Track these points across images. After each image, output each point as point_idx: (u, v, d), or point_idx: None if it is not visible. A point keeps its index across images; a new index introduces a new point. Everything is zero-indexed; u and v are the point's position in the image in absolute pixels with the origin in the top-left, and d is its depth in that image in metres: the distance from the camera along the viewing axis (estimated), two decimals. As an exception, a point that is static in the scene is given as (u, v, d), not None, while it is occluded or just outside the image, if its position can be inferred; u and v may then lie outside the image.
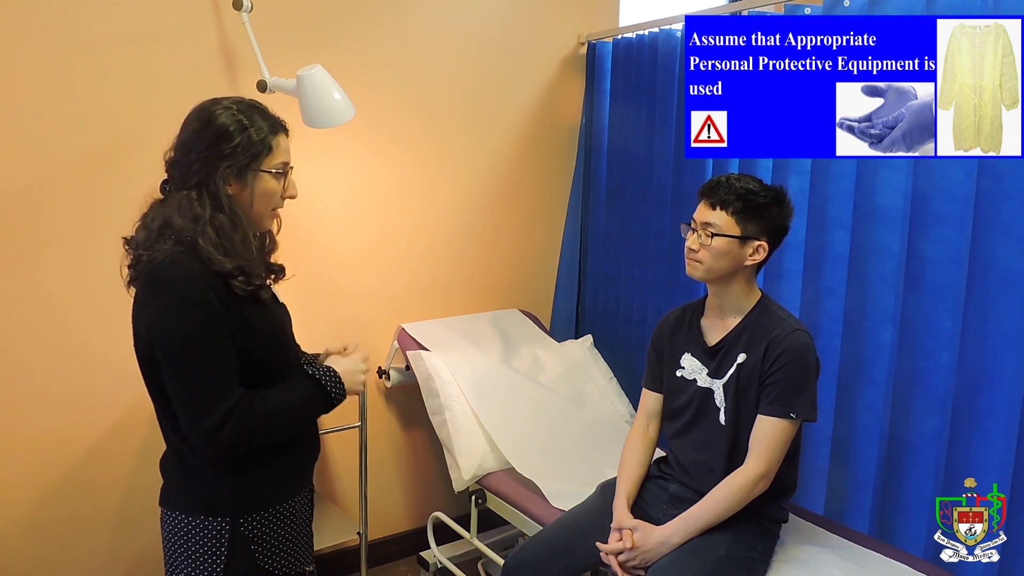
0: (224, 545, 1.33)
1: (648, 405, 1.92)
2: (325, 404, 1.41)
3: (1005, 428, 1.79)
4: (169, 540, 1.37)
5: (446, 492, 2.57)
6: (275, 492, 1.39)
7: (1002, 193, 1.77)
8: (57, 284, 2.05)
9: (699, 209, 1.73)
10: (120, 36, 2.06)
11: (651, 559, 1.68)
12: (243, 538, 1.34)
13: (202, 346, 1.24)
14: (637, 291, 2.78)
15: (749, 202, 1.67)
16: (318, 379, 1.40)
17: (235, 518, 1.33)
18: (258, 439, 1.30)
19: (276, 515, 1.39)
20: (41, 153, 2.00)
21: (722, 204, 1.68)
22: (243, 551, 1.34)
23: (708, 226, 1.69)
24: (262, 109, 1.37)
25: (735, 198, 1.67)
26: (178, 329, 1.23)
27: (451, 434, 2.32)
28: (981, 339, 1.83)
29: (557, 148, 2.97)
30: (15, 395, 2.03)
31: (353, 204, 2.52)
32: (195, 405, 1.25)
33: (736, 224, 1.68)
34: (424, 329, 2.60)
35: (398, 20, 2.52)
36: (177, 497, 1.36)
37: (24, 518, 2.08)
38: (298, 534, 1.45)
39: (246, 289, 1.29)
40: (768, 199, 1.69)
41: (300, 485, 1.46)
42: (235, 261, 1.27)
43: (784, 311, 1.76)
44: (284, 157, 1.37)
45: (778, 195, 1.71)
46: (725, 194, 1.68)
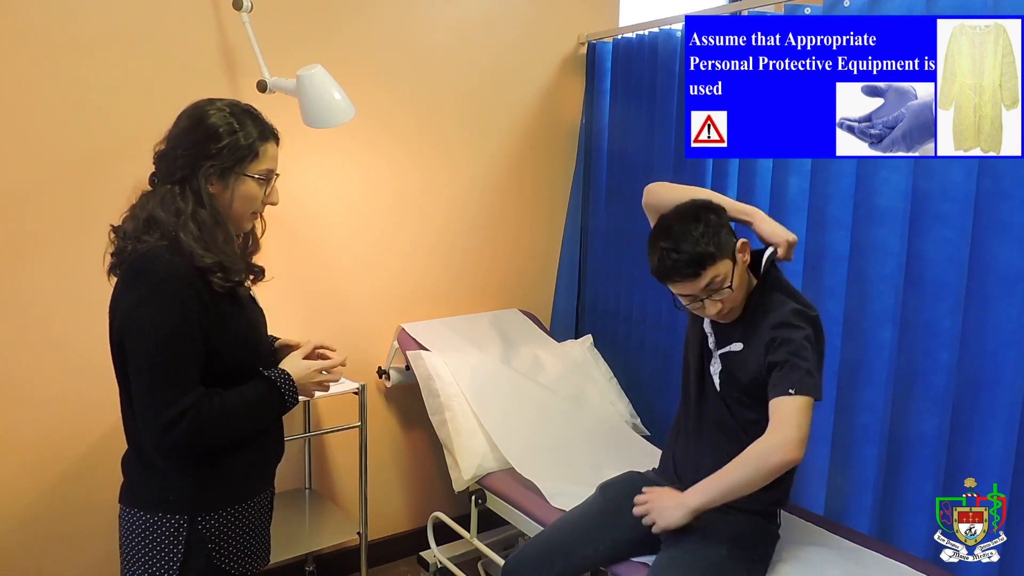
0: (181, 543, 1.32)
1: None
2: (279, 406, 1.41)
3: (1005, 428, 1.79)
4: (126, 537, 1.37)
5: (446, 492, 2.57)
6: (235, 491, 1.39)
7: (1002, 193, 1.77)
8: (51, 286, 2.04)
9: (682, 287, 1.64)
10: (120, 36, 2.06)
11: (666, 522, 1.64)
12: (201, 536, 1.34)
13: (170, 343, 1.25)
14: (637, 291, 2.78)
15: (709, 237, 1.60)
16: (273, 380, 1.40)
17: (193, 516, 1.33)
18: (210, 438, 1.31)
19: (235, 514, 1.39)
20: (40, 153, 2.00)
21: (700, 265, 1.60)
22: (200, 549, 1.34)
23: (711, 285, 1.62)
24: (255, 115, 1.38)
25: (701, 249, 1.59)
26: (149, 322, 1.25)
27: (451, 434, 2.32)
28: (981, 339, 1.83)
29: (557, 148, 2.97)
30: (6, 398, 2.03)
31: (353, 204, 2.52)
32: (152, 399, 1.26)
33: (723, 258, 1.62)
34: (424, 329, 2.60)
35: (398, 20, 2.52)
36: (136, 494, 1.36)
37: (19, 516, 2.08)
38: (256, 534, 1.45)
39: (224, 285, 1.30)
40: (706, 219, 1.63)
41: (261, 486, 1.46)
42: (215, 256, 1.29)
43: (786, 289, 1.73)
44: (270, 164, 1.38)
45: (701, 209, 1.65)
46: (692, 257, 1.59)
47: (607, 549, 1.79)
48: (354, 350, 2.52)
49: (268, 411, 1.41)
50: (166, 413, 1.25)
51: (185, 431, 1.25)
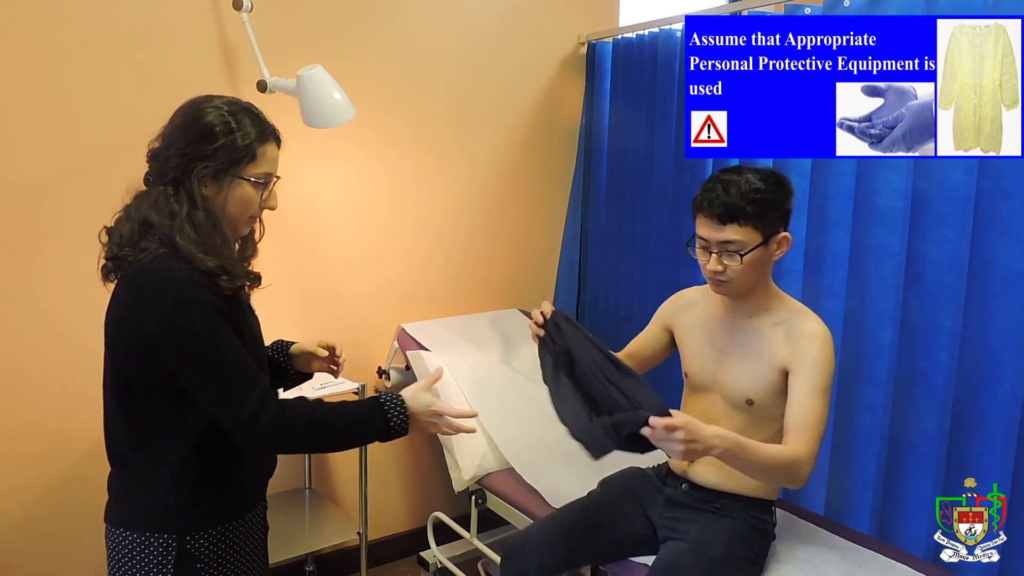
0: (170, 563, 1.27)
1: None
2: (381, 429, 1.33)
3: (1005, 428, 1.79)
4: (114, 558, 1.31)
5: (446, 492, 2.57)
6: (225, 510, 1.33)
7: (1002, 193, 1.77)
8: (55, 283, 2.05)
9: (704, 225, 1.58)
10: (120, 36, 2.06)
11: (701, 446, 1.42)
12: (190, 556, 1.28)
13: (217, 345, 1.22)
14: (637, 291, 2.78)
15: (759, 203, 1.54)
16: (380, 401, 1.34)
17: (182, 535, 1.28)
18: (300, 432, 1.27)
19: (225, 533, 1.33)
20: (40, 153, 2.00)
21: (732, 216, 1.54)
22: (190, 569, 1.28)
23: (728, 244, 1.56)
24: (255, 113, 1.31)
25: (744, 205, 1.53)
26: (189, 333, 1.20)
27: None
28: (981, 339, 1.83)
29: (557, 148, 2.97)
30: (13, 394, 2.04)
31: (353, 204, 2.52)
32: (228, 401, 1.22)
33: (755, 230, 1.55)
34: (424, 329, 2.60)
35: (398, 20, 2.52)
36: (122, 513, 1.31)
37: (20, 514, 2.09)
38: (249, 552, 1.39)
39: (230, 288, 1.25)
40: (772, 189, 1.57)
41: (252, 503, 1.40)
42: (217, 259, 1.23)
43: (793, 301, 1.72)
44: (269, 167, 1.31)
45: (778, 179, 1.60)
46: (731, 204, 1.53)
47: (608, 544, 1.79)
48: (354, 350, 2.51)
49: (367, 429, 1.34)
50: (247, 407, 1.21)
51: (273, 417, 1.22)
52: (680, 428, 1.39)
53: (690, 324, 1.82)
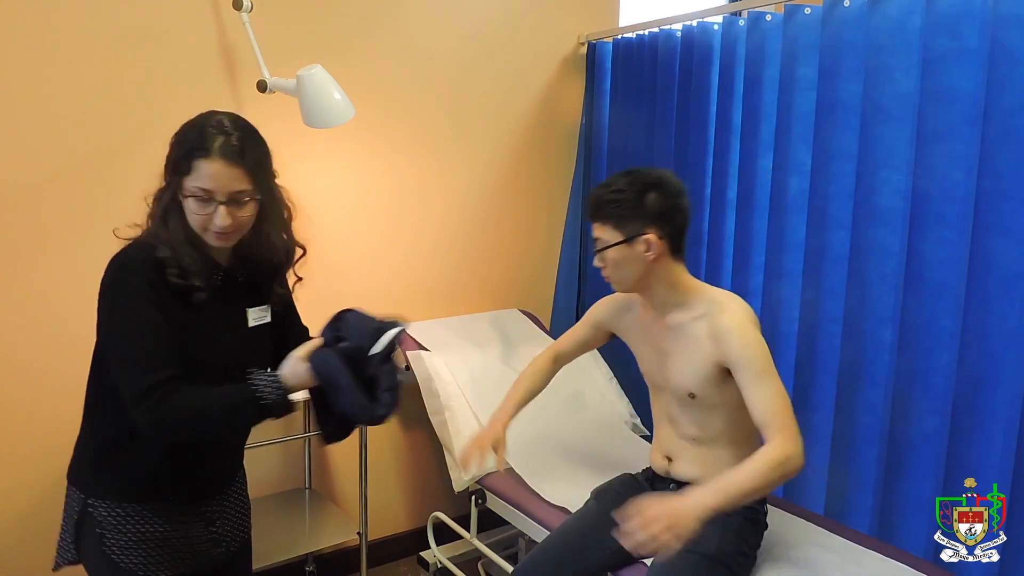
0: (75, 516, 1.38)
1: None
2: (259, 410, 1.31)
3: (1005, 428, 1.79)
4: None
5: (446, 492, 2.57)
6: (128, 489, 1.36)
7: (1002, 193, 1.77)
8: (57, 282, 2.05)
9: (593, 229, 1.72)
10: (120, 36, 2.06)
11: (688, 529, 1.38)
12: (92, 519, 1.36)
13: (135, 315, 1.26)
14: (637, 291, 2.78)
15: (617, 203, 1.65)
16: (252, 386, 1.32)
17: (86, 495, 1.37)
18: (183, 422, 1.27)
19: (127, 512, 1.35)
20: (41, 153, 2.00)
21: (598, 217, 1.69)
22: (91, 530, 1.36)
23: (597, 242, 1.70)
24: (206, 127, 1.27)
25: (604, 205, 1.67)
26: (110, 293, 1.28)
27: (451, 434, 2.32)
28: (981, 339, 1.83)
29: (557, 148, 2.97)
30: (16, 390, 2.04)
31: (353, 204, 2.52)
32: (126, 372, 1.26)
33: (615, 230, 1.66)
34: (424, 329, 2.60)
35: (398, 20, 2.52)
36: (71, 464, 1.44)
37: (20, 514, 2.09)
38: (159, 541, 1.37)
39: (177, 283, 1.29)
40: (637, 191, 1.64)
41: (160, 495, 1.37)
42: (172, 252, 1.28)
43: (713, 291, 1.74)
44: (204, 183, 1.25)
45: (652, 182, 1.66)
46: (596, 206, 1.69)
47: (612, 554, 1.78)
48: (354, 350, 2.52)
49: (244, 414, 1.32)
50: (138, 386, 1.24)
51: (154, 406, 1.23)
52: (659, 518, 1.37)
53: (632, 328, 1.90)
